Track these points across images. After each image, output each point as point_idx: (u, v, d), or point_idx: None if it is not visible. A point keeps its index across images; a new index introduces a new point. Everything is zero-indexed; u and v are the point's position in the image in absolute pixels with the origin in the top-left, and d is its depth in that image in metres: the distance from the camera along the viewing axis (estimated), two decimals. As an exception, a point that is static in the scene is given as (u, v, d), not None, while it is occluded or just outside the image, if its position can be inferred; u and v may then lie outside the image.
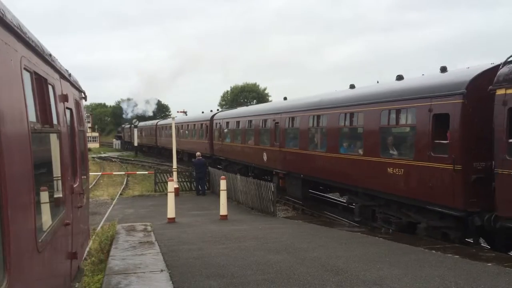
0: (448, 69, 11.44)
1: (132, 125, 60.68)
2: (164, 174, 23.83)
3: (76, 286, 6.47)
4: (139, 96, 63.85)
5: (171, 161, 30.69)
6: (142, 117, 66.90)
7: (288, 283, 6.90)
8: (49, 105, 4.52)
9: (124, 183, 28.86)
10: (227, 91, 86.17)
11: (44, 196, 4.28)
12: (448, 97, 10.02)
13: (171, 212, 14.01)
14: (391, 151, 12.17)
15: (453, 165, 9.76)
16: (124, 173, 32.77)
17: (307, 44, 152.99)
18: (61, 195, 5.03)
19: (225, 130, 27.48)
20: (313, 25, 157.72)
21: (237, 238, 10.72)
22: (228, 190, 16.69)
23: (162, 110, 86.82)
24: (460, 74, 10.35)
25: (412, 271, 7.34)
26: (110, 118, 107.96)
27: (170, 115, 68.47)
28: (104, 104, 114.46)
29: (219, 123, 28.90)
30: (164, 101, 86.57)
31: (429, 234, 10.90)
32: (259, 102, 69.77)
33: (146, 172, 30.67)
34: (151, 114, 67.89)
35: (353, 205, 14.57)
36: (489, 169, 9.43)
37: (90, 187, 15.36)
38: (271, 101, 60.69)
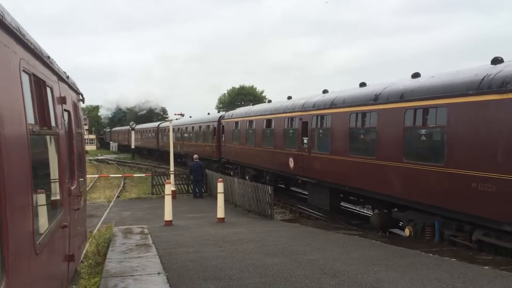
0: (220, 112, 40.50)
1: (129, 128, 60.88)
2: (161, 177, 23.81)
3: (73, 288, 6.45)
4: (125, 100, 65.50)
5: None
6: (139, 119, 67.32)
7: (285, 286, 6.90)
8: (48, 107, 4.52)
9: (121, 185, 28.81)
10: (224, 94, 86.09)
11: (42, 198, 4.28)
12: (215, 122, 30.22)
13: (168, 215, 13.99)
14: (210, 140, 31.00)
15: (216, 144, 29.68)
16: (121, 175, 32.73)
17: (310, 47, 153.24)
18: (58, 197, 5.02)
19: (164, 134, 45.69)
20: (317, 28, 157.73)
21: (234, 241, 10.70)
22: (225, 192, 16.68)
23: (159, 112, 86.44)
24: (219, 115, 31.61)
25: (409, 274, 7.35)
26: (107, 120, 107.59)
27: (167, 117, 69.69)
28: (101, 106, 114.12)
29: (161, 130, 48.49)
30: (162, 104, 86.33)
31: (221, 171, 26.37)
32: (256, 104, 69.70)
33: (143, 175, 30.65)
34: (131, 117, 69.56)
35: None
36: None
37: (87, 189, 15.32)
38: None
